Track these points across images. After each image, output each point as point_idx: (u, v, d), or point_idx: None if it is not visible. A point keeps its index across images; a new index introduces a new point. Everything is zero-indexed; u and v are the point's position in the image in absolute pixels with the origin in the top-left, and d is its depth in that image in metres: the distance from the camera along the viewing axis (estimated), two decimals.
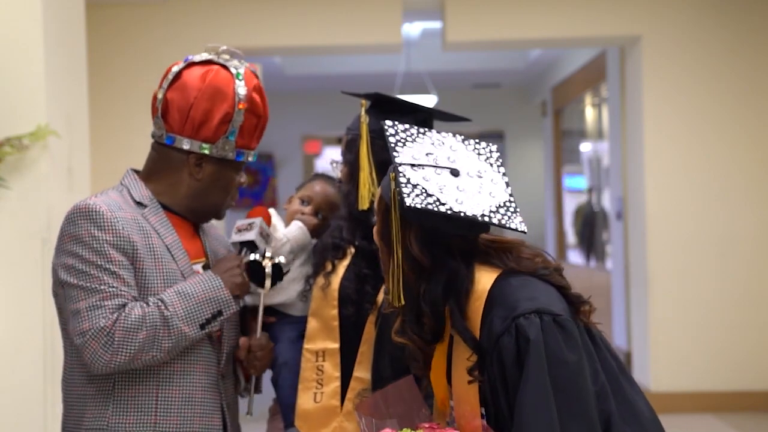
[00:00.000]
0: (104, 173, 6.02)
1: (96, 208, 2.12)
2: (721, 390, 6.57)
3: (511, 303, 1.83)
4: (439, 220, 1.84)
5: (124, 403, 2.14)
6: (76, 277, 2.10)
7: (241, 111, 2.19)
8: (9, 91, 4.08)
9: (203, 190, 2.25)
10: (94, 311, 2.06)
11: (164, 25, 6.64)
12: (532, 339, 1.78)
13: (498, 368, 1.82)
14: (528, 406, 1.77)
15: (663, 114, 6.70)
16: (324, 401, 2.54)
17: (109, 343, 2.05)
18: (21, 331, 4.09)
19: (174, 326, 2.09)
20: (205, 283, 2.16)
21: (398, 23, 6.73)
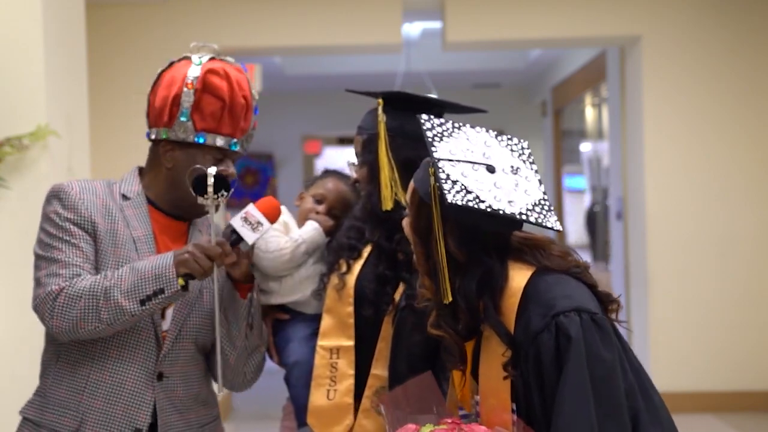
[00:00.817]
0: (104, 173, 6.01)
1: (65, 189, 2.26)
2: (721, 390, 6.57)
3: (548, 301, 1.84)
4: (479, 217, 1.85)
5: (59, 375, 2.26)
6: (42, 249, 2.22)
7: (190, 91, 2.24)
8: (9, 91, 4.08)
9: (177, 179, 2.28)
10: (50, 277, 2.17)
11: (164, 25, 6.64)
12: (574, 337, 1.79)
13: (534, 365, 1.82)
14: (568, 403, 1.78)
15: (663, 114, 6.70)
16: (337, 399, 2.52)
17: (52, 308, 2.15)
18: (21, 331, 4.09)
19: (113, 298, 2.14)
20: (157, 261, 2.18)
21: (398, 23, 6.73)
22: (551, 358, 1.81)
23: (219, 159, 2.28)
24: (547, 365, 1.81)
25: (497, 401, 1.87)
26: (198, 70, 2.27)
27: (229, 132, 2.28)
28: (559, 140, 10.93)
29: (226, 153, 2.29)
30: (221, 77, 2.27)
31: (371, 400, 2.48)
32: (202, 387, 2.39)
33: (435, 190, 1.84)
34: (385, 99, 2.49)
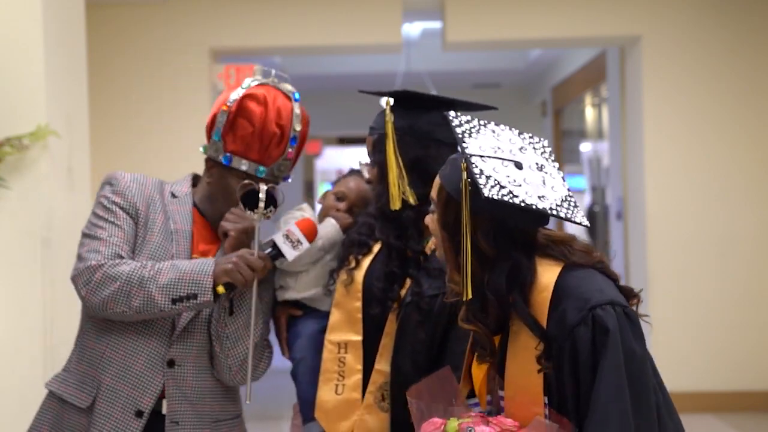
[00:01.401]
0: (104, 173, 6.00)
1: (117, 176, 2.40)
2: (721, 390, 6.57)
3: (582, 294, 1.86)
4: (513, 212, 1.85)
5: (82, 351, 2.37)
6: (88, 228, 2.35)
7: (225, 112, 2.34)
8: (9, 91, 4.08)
9: (212, 194, 2.41)
10: (90, 253, 2.29)
11: (164, 25, 6.63)
12: (611, 330, 1.82)
13: (570, 358, 1.84)
14: (605, 396, 1.80)
15: (663, 114, 6.70)
16: (345, 393, 2.53)
17: (88, 281, 2.26)
18: (21, 331, 4.09)
19: (147, 289, 2.23)
20: (198, 265, 2.26)
21: (398, 23, 6.73)
22: (588, 352, 1.83)
23: (246, 183, 2.33)
24: (584, 358, 1.83)
25: (527, 396, 1.88)
26: (239, 93, 2.36)
27: (256, 158, 2.36)
28: (559, 140, 10.93)
29: (252, 178, 2.36)
30: (258, 103, 2.35)
31: (374, 396, 2.49)
32: (219, 381, 2.41)
33: (466, 185, 1.84)
34: (395, 98, 2.51)
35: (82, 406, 2.32)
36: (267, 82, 2.40)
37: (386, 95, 2.51)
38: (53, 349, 4.12)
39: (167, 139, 6.49)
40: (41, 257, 4.09)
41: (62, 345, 4.17)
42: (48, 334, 4.11)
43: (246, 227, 2.33)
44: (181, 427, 2.33)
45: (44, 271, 4.10)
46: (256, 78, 2.41)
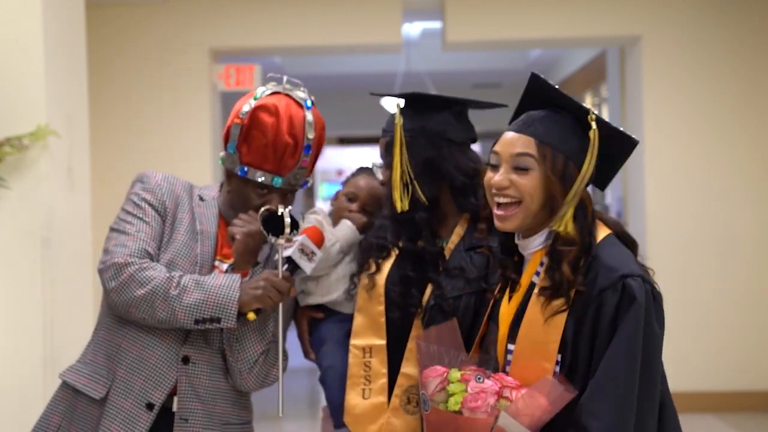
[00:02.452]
0: (104, 173, 6.01)
1: (149, 174, 2.44)
2: (721, 390, 6.57)
3: (617, 263, 1.99)
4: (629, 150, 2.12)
5: (98, 342, 2.39)
6: (116, 224, 2.37)
7: (238, 125, 2.34)
8: (9, 91, 4.08)
9: (232, 202, 2.42)
10: (117, 248, 2.30)
11: (164, 25, 6.63)
12: (638, 299, 1.93)
13: (591, 321, 1.95)
14: (615, 357, 1.90)
15: (663, 114, 6.69)
16: (372, 398, 2.55)
17: (114, 278, 2.27)
18: (21, 331, 4.09)
19: (171, 306, 2.24)
20: (224, 288, 2.26)
21: (398, 23, 6.73)
22: (610, 316, 1.93)
23: (264, 193, 2.36)
24: (605, 323, 1.93)
25: (540, 350, 1.97)
26: (251, 104, 2.36)
27: (271, 168, 2.36)
28: None
29: (269, 188, 2.36)
30: (270, 114, 2.35)
31: (400, 399, 2.52)
32: (232, 385, 2.42)
33: (596, 137, 2.04)
34: (405, 100, 2.54)
35: (96, 397, 2.34)
36: (279, 90, 2.41)
37: (397, 97, 2.54)
38: (53, 349, 4.12)
39: (167, 139, 6.49)
40: (41, 257, 4.08)
41: (62, 345, 4.17)
42: (48, 334, 4.11)
43: (251, 231, 2.33)
44: (190, 425, 2.34)
45: (44, 271, 4.10)
46: (269, 86, 2.41)
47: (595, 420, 1.89)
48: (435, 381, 1.98)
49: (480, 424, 1.90)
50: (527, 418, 1.89)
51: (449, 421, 1.94)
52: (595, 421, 1.89)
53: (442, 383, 1.97)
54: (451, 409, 1.94)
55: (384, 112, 2.79)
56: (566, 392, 1.91)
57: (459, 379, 1.95)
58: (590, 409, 1.90)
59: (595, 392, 1.91)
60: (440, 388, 1.97)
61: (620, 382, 1.90)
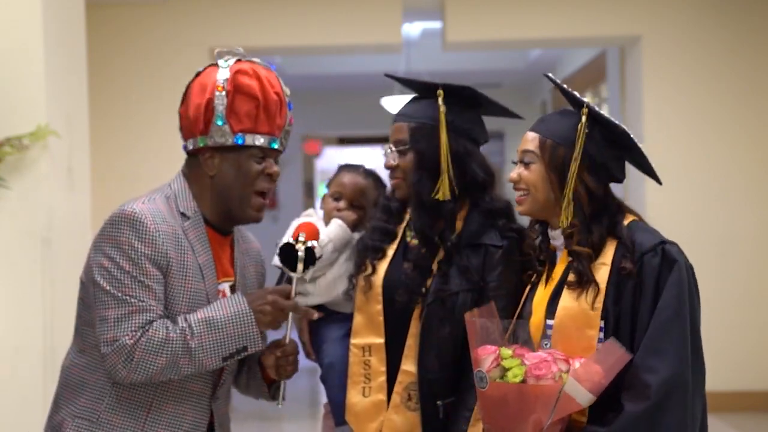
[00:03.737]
0: (104, 173, 6.01)
1: (140, 218, 2.13)
2: (721, 390, 6.57)
3: (653, 234, 2.15)
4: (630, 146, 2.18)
5: (118, 402, 2.17)
6: (110, 283, 2.11)
7: (222, 93, 2.21)
8: (9, 91, 4.08)
9: (222, 185, 2.25)
10: (121, 323, 2.09)
11: (164, 25, 6.63)
12: (679, 261, 2.06)
13: (634, 281, 2.05)
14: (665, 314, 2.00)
15: (663, 114, 6.69)
16: (372, 395, 2.61)
17: (128, 360, 2.08)
18: (21, 331, 4.09)
19: (196, 358, 2.12)
20: (237, 317, 2.15)
21: (398, 23, 6.73)
22: (653, 279, 2.04)
23: (261, 158, 2.26)
24: (649, 284, 2.03)
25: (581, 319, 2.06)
26: (227, 72, 2.24)
27: (267, 130, 2.25)
28: None
29: (266, 152, 2.27)
30: (251, 76, 2.25)
31: (401, 396, 2.57)
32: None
33: (584, 128, 2.14)
34: (445, 91, 2.58)
35: None
36: (239, 58, 2.31)
37: (436, 87, 2.58)
38: (53, 349, 4.12)
39: (167, 139, 6.47)
40: (41, 257, 4.09)
41: (62, 345, 4.17)
42: (48, 334, 4.11)
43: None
44: None
45: (44, 271, 4.10)
46: (227, 58, 2.30)
47: (652, 374, 1.97)
48: (490, 358, 2.04)
49: (547, 391, 1.96)
50: (588, 383, 1.96)
51: (512, 393, 1.99)
52: (652, 375, 1.97)
53: (497, 360, 2.03)
54: (511, 381, 2.00)
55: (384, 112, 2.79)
56: (625, 355, 1.98)
57: (511, 355, 2.03)
58: (646, 365, 1.98)
59: (649, 349, 1.99)
60: (495, 364, 2.03)
61: (673, 338, 1.98)
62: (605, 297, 2.06)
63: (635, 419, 1.97)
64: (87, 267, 2.20)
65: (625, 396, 1.99)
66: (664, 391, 1.96)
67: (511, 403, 1.99)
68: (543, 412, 1.96)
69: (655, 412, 1.95)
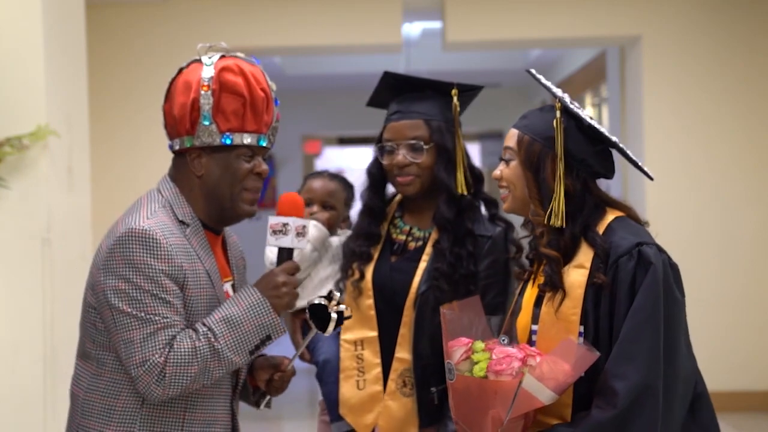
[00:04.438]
0: (104, 173, 6.01)
1: (152, 235, 2.08)
2: (721, 390, 6.57)
3: (633, 234, 2.06)
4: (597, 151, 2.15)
5: (151, 421, 2.12)
6: (129, 304, 2.06)
7: (207, 93, 2.16)
8: (9, 91, 4.08)
9: (211, 186, 2.20)
10: (148, 342, 2.05)
11: (164, 25, 6.63)
12: (654, 263, 1.99)
13: (610, 286, 2.01)
14: (637, 319, 1.96)
15: (663, 114, 6.69)
16: (367, 388, 2.68)
17: (161, 378, 2.05)
18: (21, 331, 4.09)
19: (225, 358, 2.09)
20: (253, 309, 2.12)
21: (398, 23, 6.73)
22: (628, 283, 1.99)
23: (249, 156, 2.21)
24: (622, 289, 1.99)
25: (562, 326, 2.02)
26: (211, 70, 2.19)
27: (254, 128, 2.20)
28: None
29: (254, 150, 2.22)
30: (236, 73, 2.19)
31: (396, 383, 2.65)
32: None
33: (560, 122, 2.10)
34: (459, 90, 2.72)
35: None
36: (223, 54, 2.25)
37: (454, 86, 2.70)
38: (53, 349, 4.12)
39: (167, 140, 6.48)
40: (41, 257, 4.08)
41: (62, 345, 4.17)
42: (48, 334, 4.11)
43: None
44: None
45: (44, 271, 4.10)
46: (211, 54, 2.25)
47: (620, 381, 1.93)
48: (460, 350, 2.03)
49: (505, 387, 1.95)
50: (552, 381, 1.94)
51: (475, 386, 1.99)
52: (621, 382, 1.93)
53: (467, 352, 2.02)
54: (476, 375, 1.99)
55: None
56: (588, 354, 1.95)
57: (483, 349, 2.02)
58: (615, 371, 1.94)
59: (620, 354, 1.95)
60: (465, 356, 2.02)
61: (644, 344, 1.94)
62: (584, 301, 2.02)
63: (600, 427, 1.94)
64: (97, 291, 2.13)
65: (595, 401, 1.97)
66: (631, 398, 1.92)
67: (474, 396, 1.99)
68: (502, 408, 1.95)
69: (621, 421, 1.92)
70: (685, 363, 2.02)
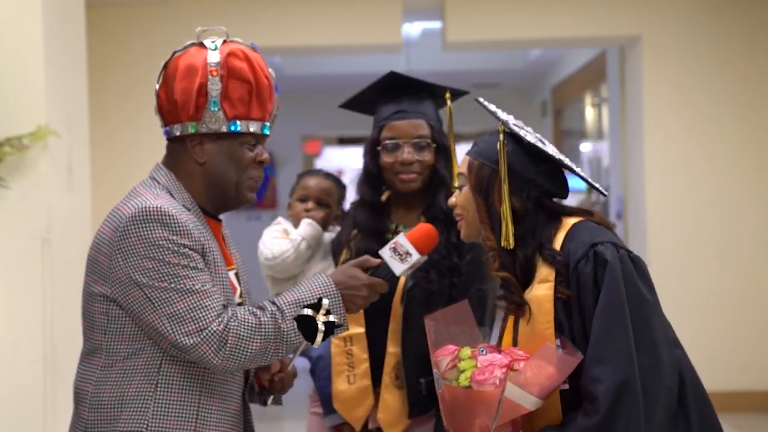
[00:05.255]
0: (104, 173, 6.01)
1: (166, 211, 2.03)
2: (721, 390, 6.57)
3: (589, 236, 2.05)
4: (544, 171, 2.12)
5: (165, 406, 2.07)
6: (163, 280, 2.00)
7: (216, 78, 2.11)
8: (9, 91, 4.08)
9: (214, 173, 2.15)
10: (198, 312, 2.00)
11: (164, 25, 6.64)
12: (610, 261, 1.98)
13: (575, 291, 2.01)
14: (602, 321, 1.95)
15: (663, 114, 6.69)
16: (357, 382, 2.78)
17: (220, 348, 2.00)
18: (21, 331, 4.09)
19: (288, 340, 2.05)
20: (321, 289, 2.09)
21: (398, 23, 6.73)
22: (590, 285, 1.99)
23: (253, 145, 2.18)
24: (586, 292, 1.99)
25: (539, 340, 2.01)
26: (217, 55, 2.13)
27: (259, 116, 2.17)
28: (559, 140, 10.93)
29: (258, 138, 2.18)
30: (242, 59, 2.15)
31: (390, 377, 2.75)
32: None
33: (503, 145, 2.10)
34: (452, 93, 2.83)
35: None
36: (224, 39, 2.18)
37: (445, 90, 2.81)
38: (53, 349, 4.12)
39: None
40: (41, 257, 4.09)
41: (62, 345, 4.17)
42: (48, 334, 4.11)
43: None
44: None
45: (44, 271, 4.10)
46: (212, 38, 2.18)
47: (597, 384, 1.93)
48: (446, 359, 2.02)
49: (488, 397, 1.94)
50: (536, 387, 1.93)
51: (460, 396, 1.98)
52: (599, 386, 1.93)
53: (453, 361, 2.01)
54: (462, 385, 1.98)
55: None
56: (570, 357, 1.95)
57: (469, 356, 2.00)
58: (591, 375, 1.94)
59: (592, 358, 1.95)
60: (451, 365, 2.01)
61: (612, 343, 1.94)
62: (555, 314, 2.01)
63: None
64: (114, 278, 2.05)
65: (582, 406, 1.97)
66: (611, 399, 1.91)
67: (461, 406, 1.99)
68: (487, 417, 1.94)
69: (605, 423, 1.91)
70: (667, 353, 1.99)
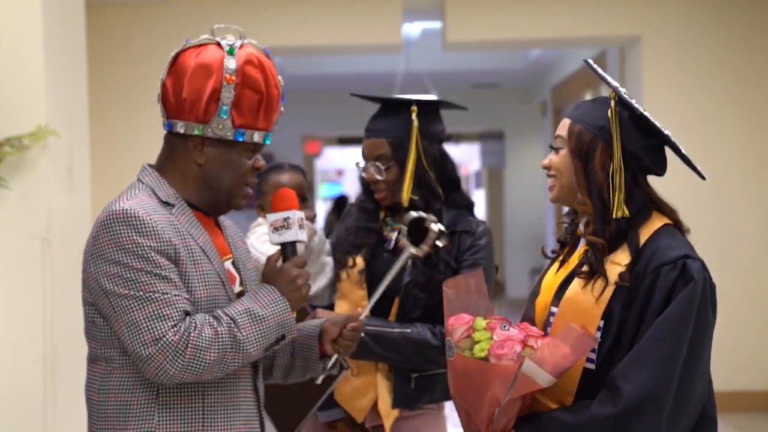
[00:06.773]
0: (104, 173, 6.01)
1: (134, 213, 2.01)
2: (721, 390, 6.54)
3: (680, 246, 2.06)
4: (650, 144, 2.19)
5: (170, 410, 2.06)
6: (125, 286, 1.99)
7: (231, 85, 2.09)
8: (9, 91, 4.08)
9: (210, 176, 2.14)
10: (156, 322, 1.97)
11: (164, 25, 6.64)
12: (696, 279, 2.00)
13: (645, 295, 2.00)
14: (663, 326, 1.95)
15: (663, 114, 6.68)
16: (361, 375, 2.84)
17: (177, 358, 1.97)
18: (21, 331, 4.09)
19: (245, 351, 2.03)
20: (274, 306, 2.08)
21: (398, 23, 6.73)
22: (665, 291, 1.98)
23: (252, 152, 2.17)
24: (659, 295, 1.98)
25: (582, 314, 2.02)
26: (234, 61, 2.11)
27: (263, 126, 2.15)
28: None
29: (258, 147, 2.17)
30: (256, 68, 2.14)
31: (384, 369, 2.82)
32: None
33: (615, 113, 2.10)
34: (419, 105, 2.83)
35: None
36: (243, 42, 2.18)
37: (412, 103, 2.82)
38: (53, 349, 4.12)
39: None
40: (41, 257, 4.08)
41: (62, 345, 4.17)
42: (48, 334, 4.11)
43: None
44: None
45: (44, 271, 4.10)
46: (228, 38, 2.16)
47: (628, 382, 1.92)
48: (461, 328, 2.02)
49: (505, 371, 1.94)
50: (551, 365, 1.93)
51: (474, 367, 1.98)
52: (628, 384, 1.92)
53: (468, 331, 2.01)
54: (476, 355, 1.97)
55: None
56: (588, 339, 1.94)
57: (484, 327, 2.00)
58: (626, 372, 1.93)
59: (635, 357, 1.94)
60: (466, 335, 2.01)
61: (662, 352, 1.93)
62: (612, 298, 2.01)
63: (597, 422, 1.93)
64: (89, 283, 2.06)
65: (600, 394, 1.96)
66: (634, 402, 1.90)
67: (474, 377, 1.98)
68: (500, 390, 1.95)
69: (619, 422, 1.91)
70: (701, 384, 2.02)
